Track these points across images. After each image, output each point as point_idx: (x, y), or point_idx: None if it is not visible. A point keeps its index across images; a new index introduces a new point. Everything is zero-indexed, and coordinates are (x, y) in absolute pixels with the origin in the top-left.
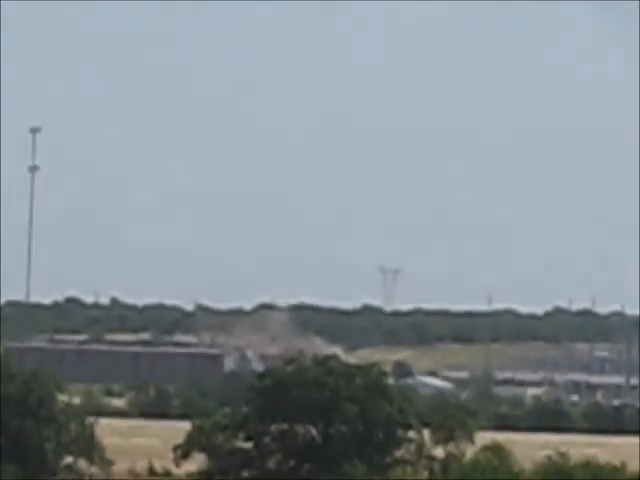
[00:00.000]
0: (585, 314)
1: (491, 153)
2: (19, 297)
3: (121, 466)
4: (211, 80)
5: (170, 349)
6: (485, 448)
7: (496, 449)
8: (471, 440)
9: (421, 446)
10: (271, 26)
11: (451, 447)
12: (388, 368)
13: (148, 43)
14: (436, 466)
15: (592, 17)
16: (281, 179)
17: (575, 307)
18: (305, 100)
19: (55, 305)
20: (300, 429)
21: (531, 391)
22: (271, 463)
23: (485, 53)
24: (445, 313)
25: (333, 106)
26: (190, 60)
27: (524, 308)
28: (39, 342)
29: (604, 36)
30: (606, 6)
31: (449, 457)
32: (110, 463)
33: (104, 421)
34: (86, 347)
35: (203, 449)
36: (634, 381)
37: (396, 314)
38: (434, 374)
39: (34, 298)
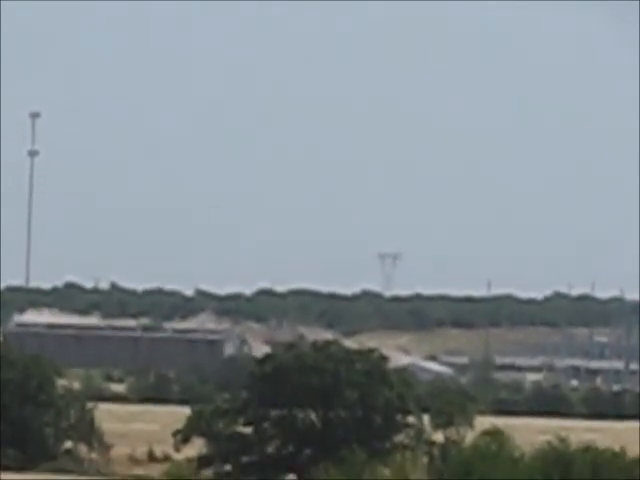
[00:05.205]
0: (585, 299)
1: (489, 139)
2: (19, 282)
3: (121, 451)
4: (215, 78)
5: (169, 334)
6: (485, 433)
7: (496, 434)
8: (470, 425)
9: (420, 431)
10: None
11: (450, 432)
12: (387, 353)
13: (148, 29)
14: (435, 451)
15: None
16: (280, 166)
17: (575, 292)
18: (304, 86)
19: (55, 290)
20: (300, 414)
21: (531, 376)
22: (270, 448)
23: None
24: (444, 298)
25: (329, 93)
26: (193, 52)
27: (524, 293)
28: (38, 327)
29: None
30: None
31: (448, 442)
32: (109, 448)
33: (104, 406)
34: (85, 332)
35: (203, 434)
36: (634, 366)
37: (395, 299)
38: (433, 359)
39: (34, 283)
